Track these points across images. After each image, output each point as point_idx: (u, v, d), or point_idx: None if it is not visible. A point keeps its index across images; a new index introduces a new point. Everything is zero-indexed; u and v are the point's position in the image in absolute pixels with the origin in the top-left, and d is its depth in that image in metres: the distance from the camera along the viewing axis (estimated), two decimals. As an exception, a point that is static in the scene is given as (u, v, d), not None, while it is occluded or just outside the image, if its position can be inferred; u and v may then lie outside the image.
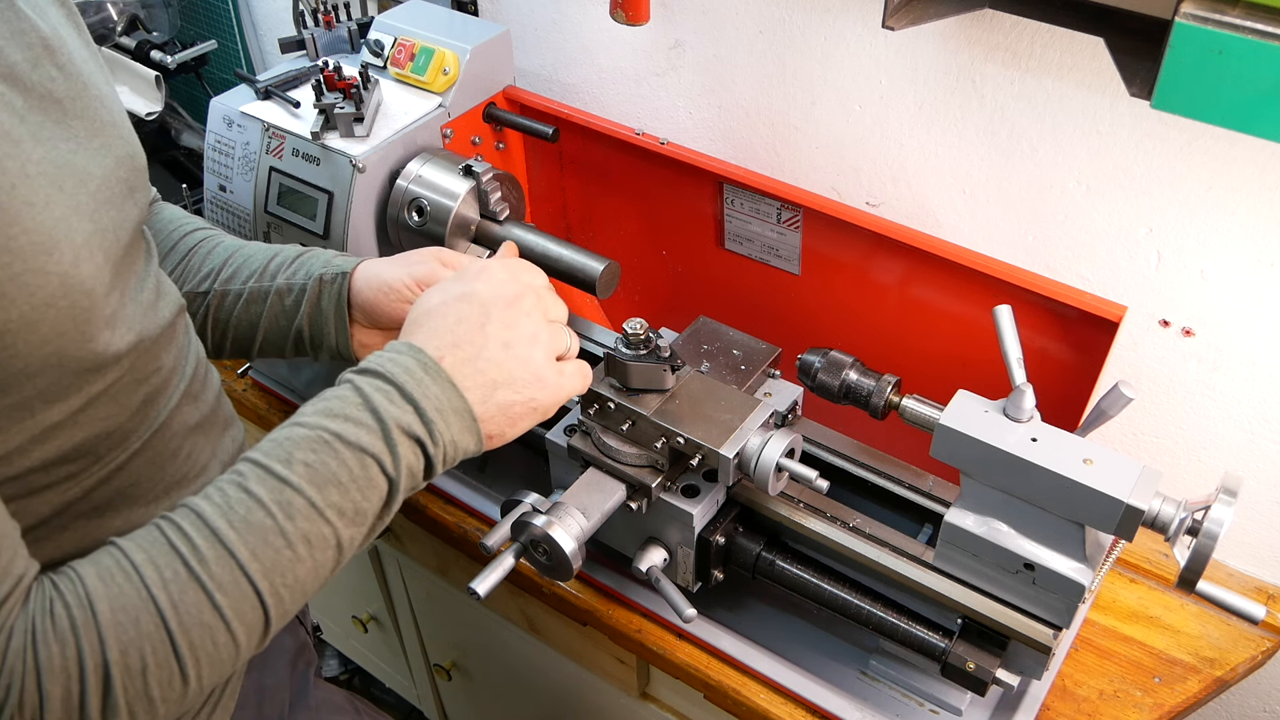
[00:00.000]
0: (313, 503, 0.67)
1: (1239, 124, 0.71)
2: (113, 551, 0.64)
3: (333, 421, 0.69)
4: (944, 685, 1.03)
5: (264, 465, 0.68)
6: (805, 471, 0.92)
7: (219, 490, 0.67)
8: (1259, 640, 1.11)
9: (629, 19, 1.16)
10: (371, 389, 0.71)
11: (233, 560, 0.65)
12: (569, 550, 0.92)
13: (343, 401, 0.70)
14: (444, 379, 0.73)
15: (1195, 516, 0.80)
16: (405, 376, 0.71)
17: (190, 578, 0.64)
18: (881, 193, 1.24)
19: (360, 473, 0.69)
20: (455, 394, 0.73)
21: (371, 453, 0.69)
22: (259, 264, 0.95)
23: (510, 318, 0.77)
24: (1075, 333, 1.04)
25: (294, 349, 0.95)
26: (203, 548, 0.64)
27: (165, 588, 0.63)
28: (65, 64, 0.69)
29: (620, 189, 1.37)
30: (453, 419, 0.73)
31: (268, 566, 0.66)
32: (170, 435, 0.78)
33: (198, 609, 0.64)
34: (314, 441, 0.69)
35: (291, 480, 0.67)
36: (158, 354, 0.76)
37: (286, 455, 0.68)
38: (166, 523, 0.66)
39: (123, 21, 1.71)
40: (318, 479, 0.68)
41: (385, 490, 0.71)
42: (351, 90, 1.15)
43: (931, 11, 0.96)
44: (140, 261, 0.75)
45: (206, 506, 0.66)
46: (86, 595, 0.62)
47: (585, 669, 1.33)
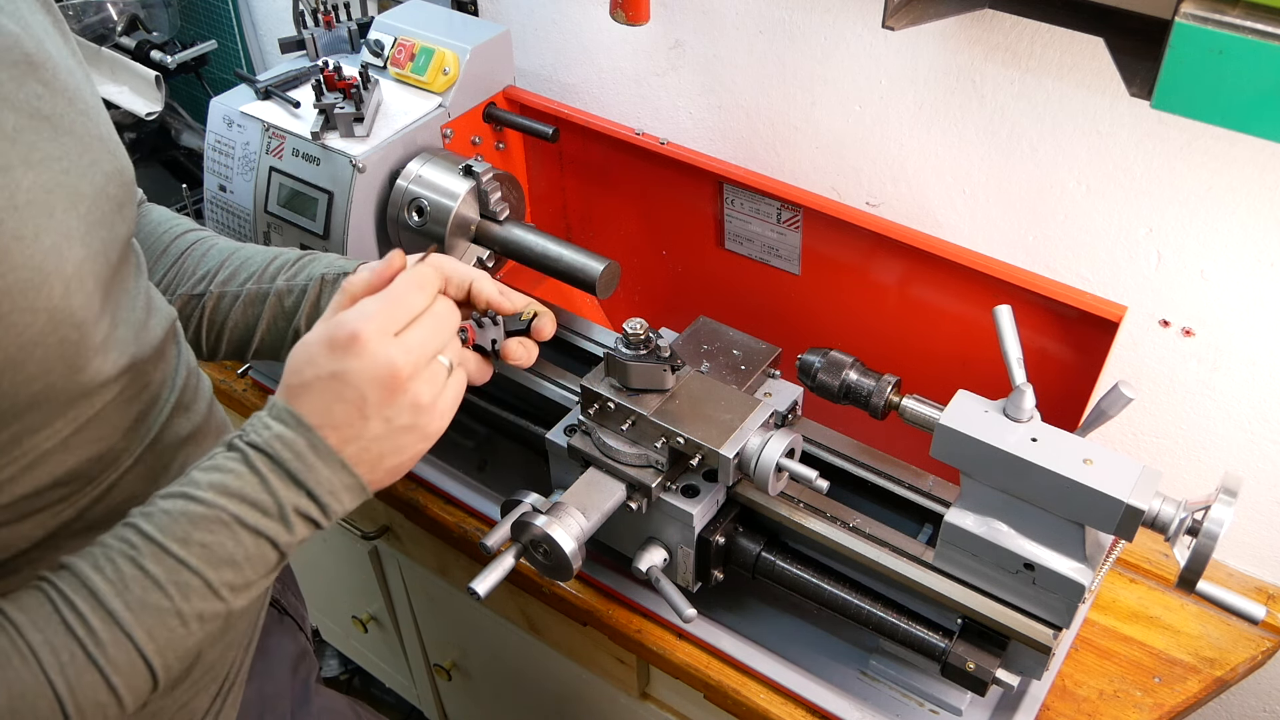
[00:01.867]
0: (208, 583, 0.67)
1: (1239, 124, 0.71)
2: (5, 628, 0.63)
3: (230, 502, 0.68)
4: (944, 685, 1.03)
5: (159, 543, 0.66)
6: (805, 471, 0.92)
7: (111, 564, 0.66)
8: (1259, 640, 1.11)
9: (629, 19, 1.15)
10: (266, 469, 0.69)
11: (130, 643, 0.65)
12: (569, 550, 0.92)
13: (239, 479, 0.69)
14: (334, 460, 0.71)
15: (1195, 516, 0.80)
16: (298, 463, 0.70)
17: (88, 661, 0.63)
18: (881, 193, 1.24)
19: (255, 551, 0.69)
20: (346, 473, 0.72)
21: (268, 535, 0.69)
22: (258, 266, 0.94)
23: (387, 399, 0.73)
24: (1075, 333, 1.04)
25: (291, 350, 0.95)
26: (100, 630, 0.64)
27: (62, 672, 0.63)
28: (50, 79, 0.67)
29: (620, 189, 1.37)
30: (344, 495, 0.72)
31: (162, 645, 0.66)
32: (163, 449, 0.78)
33: (93, 690, 0.64)
34: (211, 521, 0.67)
35: (189, 562, 0.66)
36: (149, 371, 0.75)
37: (184, 535, 0.67)
38: (59, 596, 0.64)
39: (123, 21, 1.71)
40: (214, 560, 0.67)
41: (275, 562, 0.71)
42: (351, 90, 1.15)
43: (931, 11, 0.96)
44: (130, 278, 0.74)
45: (100, 583, 0.65)
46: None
47: (585, 669, 1.33)
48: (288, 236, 1.20)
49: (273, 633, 1.03)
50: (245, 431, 0.71)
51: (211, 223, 1.27)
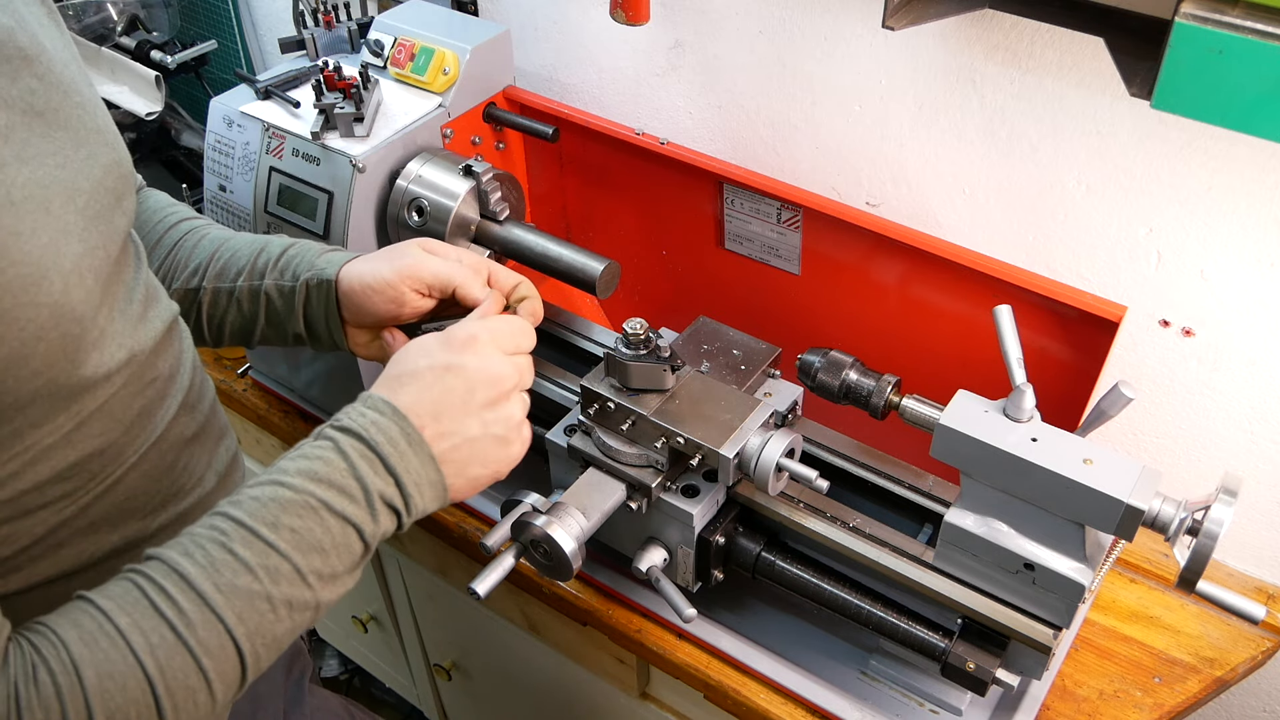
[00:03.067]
0: (298, 568, 0.67)
1: (1239, 124, 0.71)
2: (92, 613, 0.63)
3: (319, 487, 0.69)
4: (944, 685, 1.03)
5: (250, 527, 0.67)
6: (805, 471, 0.92)
7: (201, 549, 0.66)
8: (1259, 640, 1.11)
9: (629, 19, 1.15)
10: (356, 455, 0.70)
11: (220, 624, 0.64)
12: (569, 550, 0.92)
13: (328, 465, 0.70)
14: (425, 453, 0.73)
15: (1195, 516, 0.80)
16: (389, 447, 0.71)
17: (178, 642, 0.63)
18: (881, 193, 1.24)
19: (342, 539, 0.69)
20: (433, 468, 0.73)
21: (354, 522, 0.70)
22: (246, 260, 0.93)
23: (493, 399, 0.76)
24: (1075, 333, 1.04)
25: (294, 343, 0.95)
26: (189, 611, 0.64)
27: (152, 653, 0.62)
28: (45, 73, 0.67)
29: (620, 189, 1.37)
30: (427, 491, 0.73)
31: (252, 629, 0.66)
32: (167, 448, 0.78)
33: (184, 673, 0.63)
34: (300, 506, 0.68)
35: (278, 545, 0.67)
36: (154, 363, 0.75)
37: (273, 519, 0.67)
38: (147, 581, 0.64)
39: (123, 21, 1.71)
40: (303, 545, 0.68)
41: (360, 553, 0.71)
42: (351, 90, 1.14)
43: (931, 11, 0.96)
44: (129, 270, 0.74)
45: (190, 567, 0.65)
46: (71, 661, 0.60)
47: (585, 669, 1.33)
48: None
49: None
50: (337, 419, 0.72)
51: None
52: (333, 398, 1.34)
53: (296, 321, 0.92)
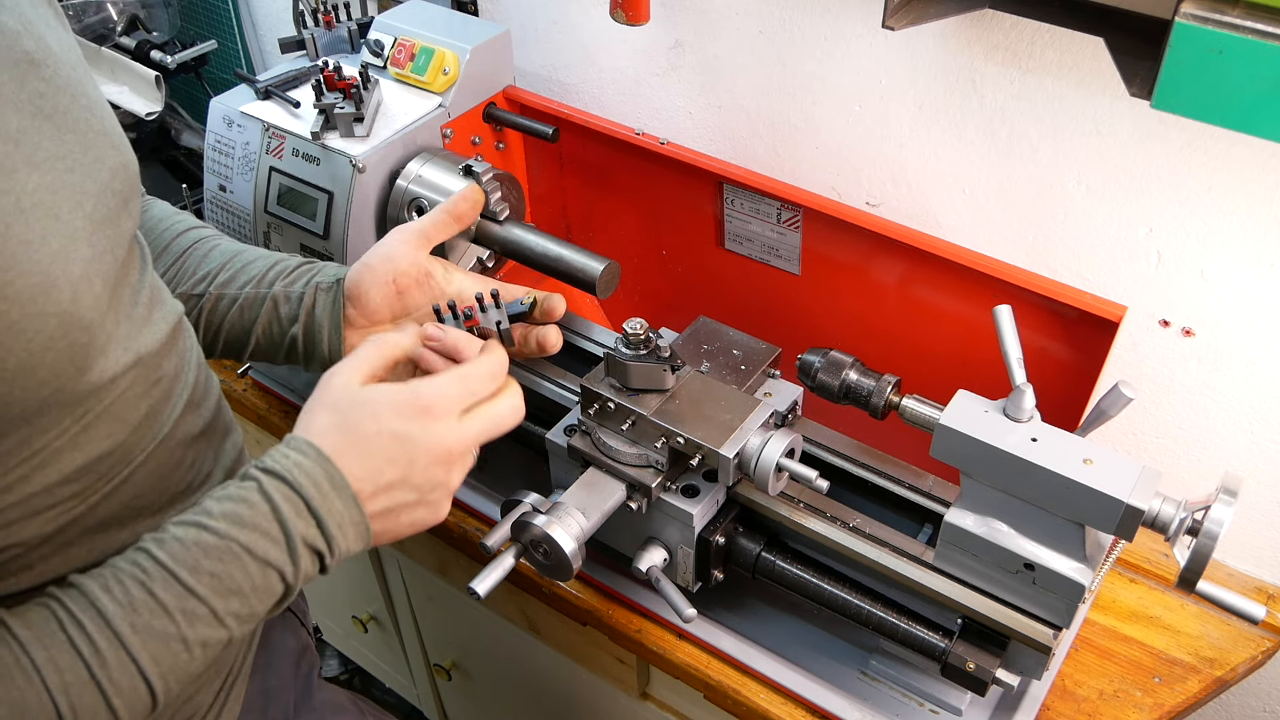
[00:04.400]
0: (215, 612, 0.68)
1: (1239, 124, 0.71)
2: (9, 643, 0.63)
3: (241, 532, 0.69)
4: (944, 685, 1.03)
5: (171, 570, 0.67)
6: (805, 471, 0.92)
7: (121, 586, 0.66)
8: (1259, 640, 1.11)
9: (629, 19, 1.15)
10: (280, 497, 0.70)
11: (134, 665, 0.65)
12: (569, 550, 0.93)
13: (251, 509, 0.70)
14: (348, 494, 0.72)
15: (1195, 516, 0.80)
16: (313, 489, 0.71)
17: (91, 681, 0.64)
18: (881, 193, 1.24)
19: (262, 582, 0.70)
20: (356, 508, 0.73)
21: (275, 566, 0.70)
22: (259, 271, 0.94)
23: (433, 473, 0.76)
24: (1075, 333, 1.04)
25: (286, 356, 0.95)
26: (105, 651, 0.64)
27: (66, 691, 0.63)
28: (52, 76, 0.66)
29: (620, 189, 1.37)
30: (350, 531, 0.73)
31: (165, 669, 0.67)
32: (174, 446, 0.78)
33: (94, 711, 0.64)
34: (222, 551, 0.68)
35: (198, 591, 0.67)
36: (159, 364, 0.75)
37: (194, 563, 0.68)
38: (66, 614, 0.65)
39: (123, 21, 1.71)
40: (222, 589, 0.68)
41: (280, 594, 0.72)
42: (351, 90, 1.14)
43: (931, 11, 0.96)
44: (134, 273, 0.74)
45: (109, 604, 0.65)
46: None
47: (585, 669, 1.33)
48: (288, 236, 1.20)
49: (275, 628, 1.03)
50: (262, 460, 0.72)
51: (211, 222, 1.27)
52: (333, 398, 1.34)
53: (297, 329, 0.92)
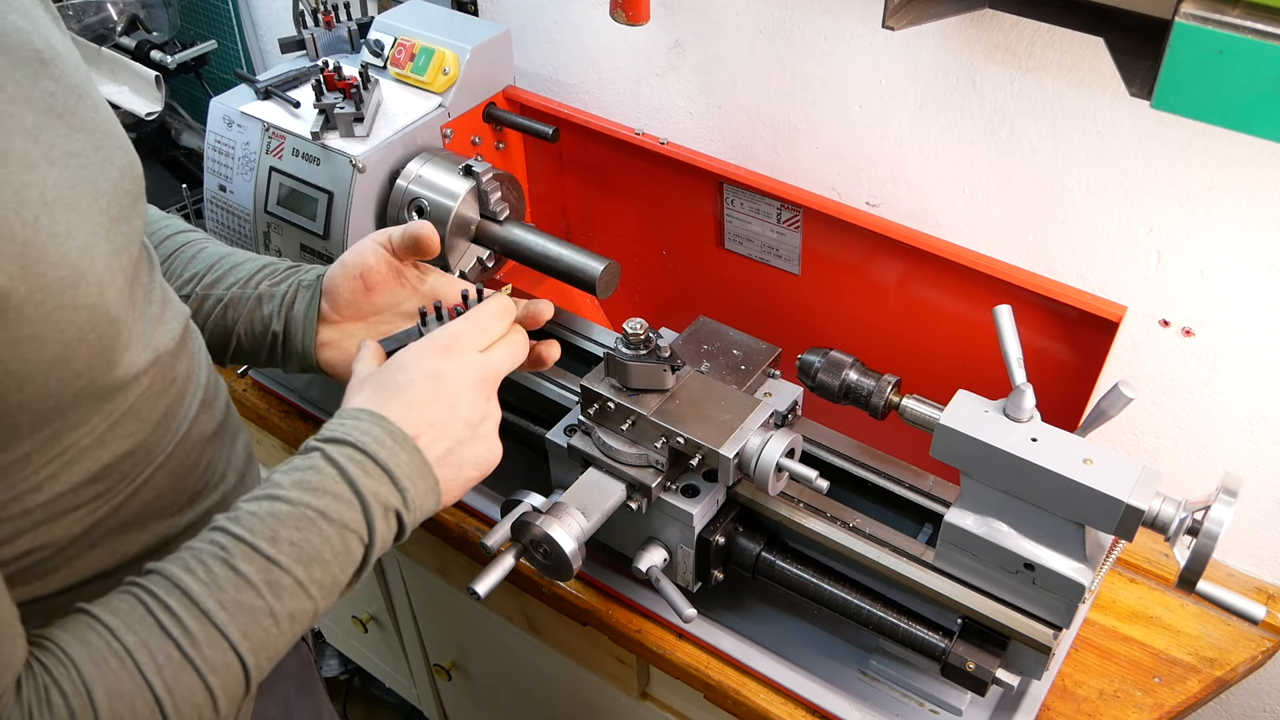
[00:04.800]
0: (299, 581, 0.68)
1: (1239, 124, 0.71)
2: (99, 630, 0.63)
3: (314, 497, 0.69)
4: (944, 685, 1.03)
5: (249, 543, 0.67)
6: (805, 471, 0.91)
7: (202, 565, 0.66)
8: (1259, 640, 1.11)
9: (629, 19, 1.15)
10: (346, 460, 0.70)
11: (225, 641, 0.65)
12: (569, 550, 0.92)
13: (320, 475, 0.70)
14: (412, 449, 0.73)
15: (1195, 516, 0.80)
16: (376, 446, 0.71)
17: (184, 661, 0.63)
18: (881, 193, 1.24)
19: (341, 548, 0.69)
20: (422, 461, 0.73)
21: (352, 528, 0.70)
22: (246, 273, 0.94)
23: (476, 401, 0.77)
24: (1075, 333, 1.04)
25: (267, 356, 0.95)
26: (195, 630, 0.64)
27: (160, 673, 0.62)
28: (60, 75, 0.66)
29: (620, 189, 1.37)
30: (420, 484, 0.73)
31: (256, 644, 0.66)
32: (190, 445, 0.78)
33: (191, 691, 0.64)
34: (298, 519, 0.68)
35: (279, 560, 0.67)
36: (173, 364, 0.75)
37: (272, 533, 0.67)
38: (151, 598, 0.64)
39: (123, 21, 1.71)
40: (303, 557, 0.68)
41: (360, 560, 0.71)
42: (351, 90, 1.14)
43: (931, 11, 0.96)
44: (145, 273, 0.74)
45: (193, 584, 0.65)
46: (83, 682, 0.60)
47: (585, 669, 1.33)
48: (288, 236, 1.20)
49: None
50: (319, 434, 0.73)
51: (211, 222, 1.27)
52: (333, 398, 1.34)
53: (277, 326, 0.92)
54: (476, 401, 0.77)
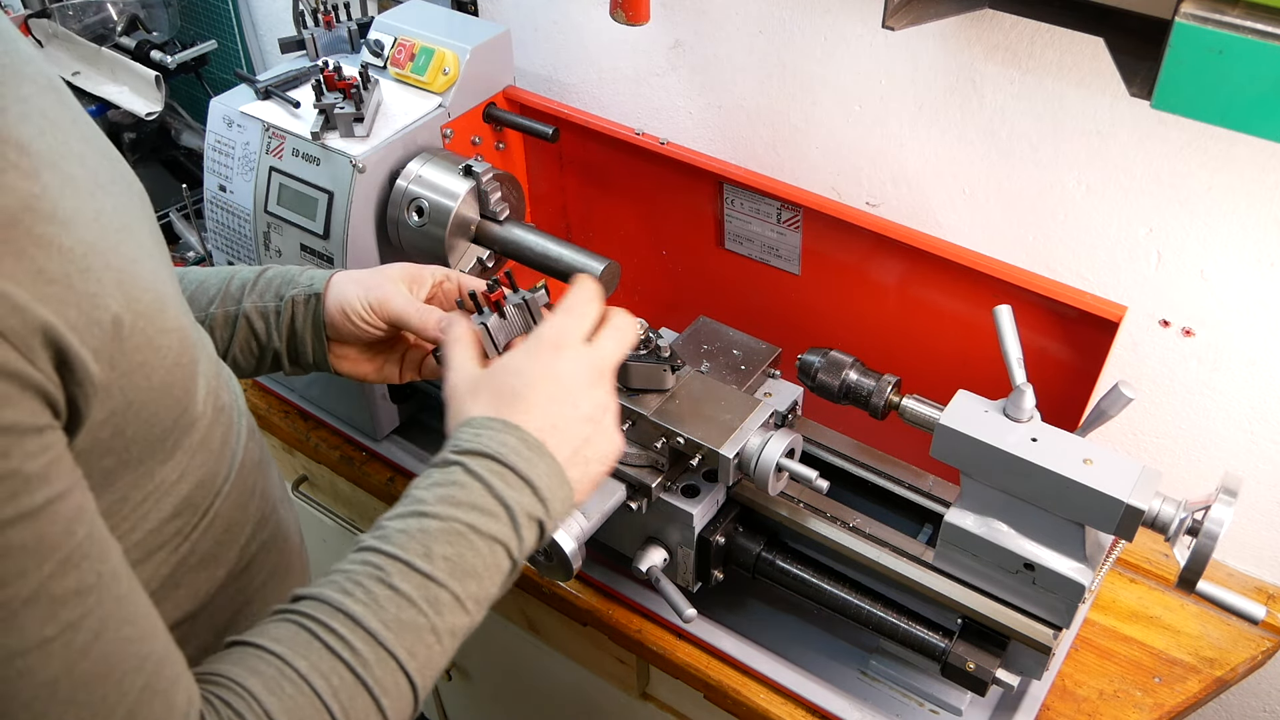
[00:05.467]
0: (457, 596, 0.67)
1: (1239, 124, 0.71)
2: (267, 659, 0.62)
3: (463, 512, 0.69)
4: (944, 685, 1.03)
5: (405, 560, 0.66)
6: (805, 471, 0.92)
7: (360, 586, 0.65)
8: (1259, 640, 1.11)
9: (629, 19, 1.15)
10: (488, 473, 0.70)
11: (394, 661, 0.64)
12: (569, 550, 0.92)
13: (464, 489, 0.70)
14: (547, 456, 0.73)
15: (1195, 516, 0.80)
16: (515, 457, 0.71)
17: (357, 682, 0.63)
18: (881, 193, 1.24)
19: (492, 561, 0.69)
20: (558, 470, 0.73)
21: (501, 540, 0.69)
22: (216, 288, 0.93)
23: (595, 396, 0.77)
24: (1075, 333, 1.04)
25: (270, 368, 0.95)
26: (363, 651, 0.63)
27: (335, 696, 0.62)
28: (71, 103, 0.66)
29: (620, 189, 1.37)
30: (559, 492, 0.73)
31: (422, 663, 0.65)
32: (245, 474, 0.77)
33: (366, 714, 0.63)
34: (450, 534, 0.68)
35: (436, 576, 0.66)
36: (220, 392, 0.74)
37: (425, 549, 0.67)
38: (313, 622, 0.64)
39: (123, 21, 1.71)
40: (458, 572, 0.67)
41: (508, 571, 0.71)
42: (351, 90, 1.14)
43: (931, 11, 0.96)
44: None
45: (354, 606, 0.64)
46: (265, 712, 0.60)
47: (585, 669, 1.33)
48: (287, 236, 1.20)
49: None
50: (454, 444, 0.72)
51: (212, 222, 1.27)
52: (333, 398, 1.34)
53: (279, 344, 0.92)
54: (594, 396, 0.77)
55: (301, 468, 1.48)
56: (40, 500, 0.50)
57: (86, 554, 0.53)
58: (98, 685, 0.53)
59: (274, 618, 0.65)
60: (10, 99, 0.56)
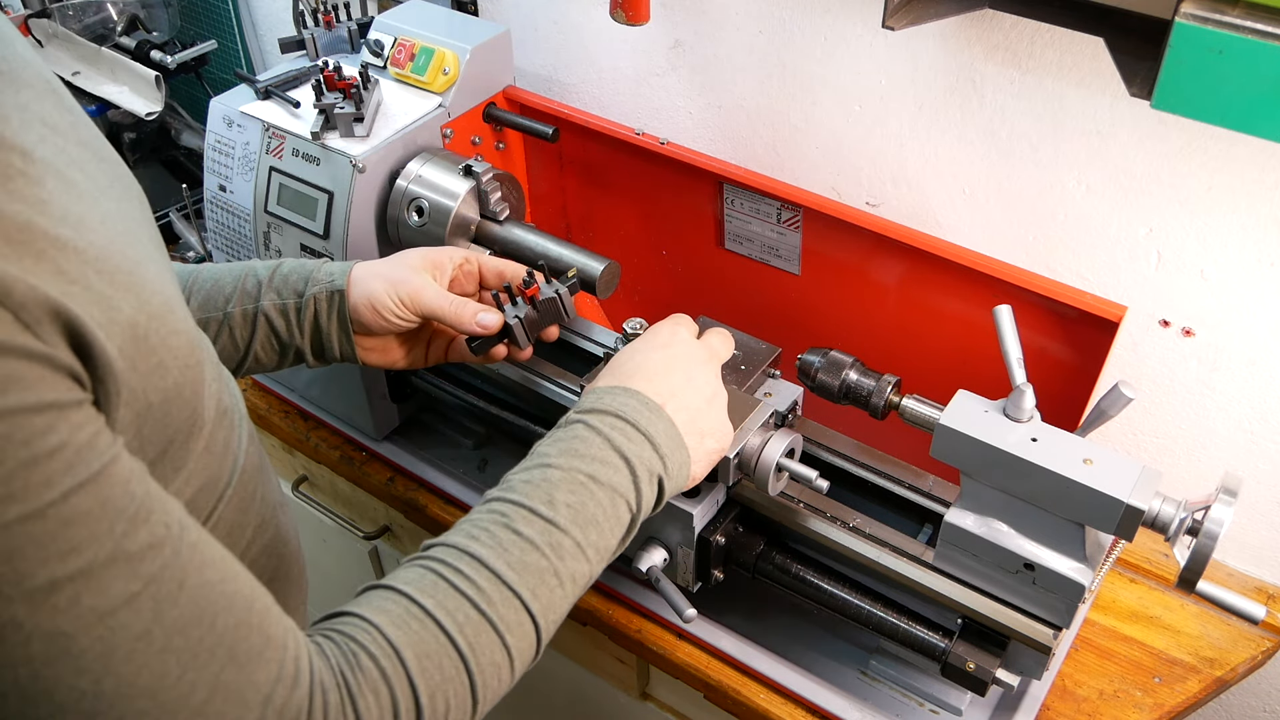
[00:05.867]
0: (578, 543, 0.70)
1: (1239, 124, 0.71)
2: (395, 598, 0.64)
3: (584, 463, 0.72)
4: (944, 685, 1.03)
5: (529, 507, 0.69)
6: (805, 471, 0.92)
7: (486, 531, 0.68)
8: (1259, 640, 1.11)
9: (629, 19, 1.15)
10: (609, 429, 0.74)
11: (518, 600, 0.67)
12: (569, 550, 0.92)
13: (585, 443, 0.73)
14: (664, 416, 0.77)
15: (1195, 516, 0.80)
16: (636, 414, 0.75)
17: (482, 619, 0.65)
18: (881, 193, 1.24)
19: (612, 511, 0.72)
20: (676, 432, 0.77)
21: (621, 492, 0.73)
22: (232, 286, 0.93)
23: (708, 376, 0.83)
24: (1075, 333, 1.04)
25: (293, 363, 0.95)
26: (488, 589, 0.66)
27: (461, 631, 0.64)
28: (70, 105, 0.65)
29: (620, 189, 1.37)
30: (677, 455, 0.77)
31: (544, 605, 0.68)
32: (246, 479, 0.77)
33: (490, 650, 0.65)
34: (570, 483, 0.71)
35: (559, 522, 0.69)
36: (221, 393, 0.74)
37: (548, 497, 0.70)
38: (441, 565, 0.66)
39: (123, 21, 1.71)
40: (580, 520, 0.70)
41: (628, 524, 0.74)
42: (351, 90, 1.14)
43: (931, 11, 0.96)
44: None
45: (480, 549, 0.67)
46: (390, 644, 0.62)
47: (585, 669, 1.33)
48: (287, 236, 1.20)
49: None
50: (578, 406, 0.77)
51: (212, 222, 1.27)
52: (333, 398, 1.34)
53: (302, 342, 0.92)
54: (707, 375, 0.83)
55: (301, 468, 1.48)
56: (97, 467, 0.51)
57: (151, 510, 0.54)
58: (192, 629, 0.55)
59: (405, 564, 0.68)
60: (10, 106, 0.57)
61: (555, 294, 0.89)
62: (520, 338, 0.92)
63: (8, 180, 0.52)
